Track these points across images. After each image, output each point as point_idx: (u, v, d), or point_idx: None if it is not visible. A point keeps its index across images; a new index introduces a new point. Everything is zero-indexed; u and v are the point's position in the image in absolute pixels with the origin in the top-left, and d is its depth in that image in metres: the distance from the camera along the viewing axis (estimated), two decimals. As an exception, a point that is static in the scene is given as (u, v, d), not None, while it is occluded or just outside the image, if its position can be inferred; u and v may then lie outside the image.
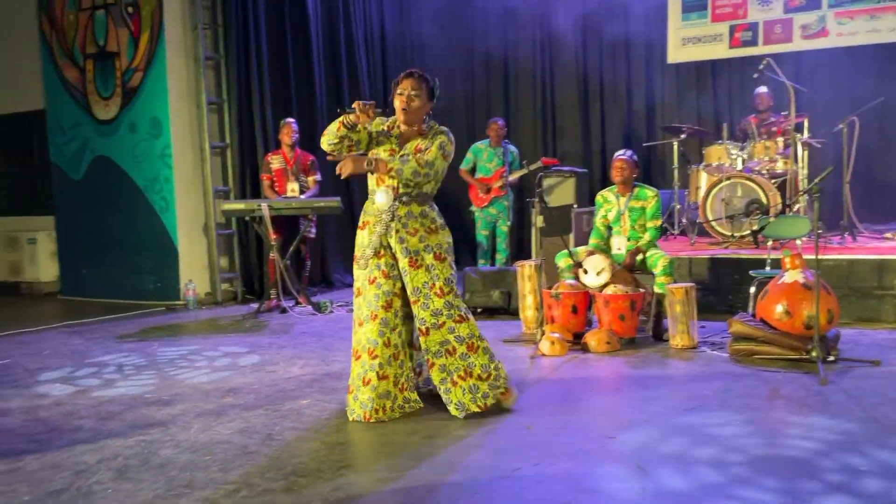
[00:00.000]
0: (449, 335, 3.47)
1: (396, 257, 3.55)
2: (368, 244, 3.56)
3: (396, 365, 3.55)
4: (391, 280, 3.54)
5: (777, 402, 3.63)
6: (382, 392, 3.48)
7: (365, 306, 3.56)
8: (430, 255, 3.53)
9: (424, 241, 3.54)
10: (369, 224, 3.58)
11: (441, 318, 3.47)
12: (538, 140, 9.68)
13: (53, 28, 7.85)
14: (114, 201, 7.55)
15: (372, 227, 3.57)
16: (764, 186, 6.50)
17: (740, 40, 8.57)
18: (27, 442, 3.28)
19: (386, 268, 3.54)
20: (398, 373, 3.56)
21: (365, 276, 3.57)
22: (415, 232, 3.54)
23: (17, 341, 5.63)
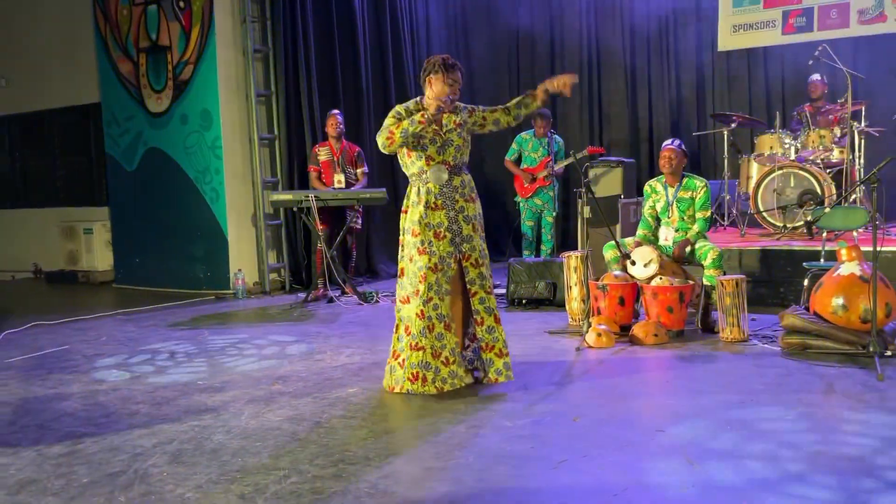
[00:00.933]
0: (479, 305, 3.72)
1: (442, 230, 3.70)
2: (449, 219, 3.70)
3: (433, 337, 3.66)
4: (426, 255, 3.69)
5: (832, 397, 3.54)
6: (418, 362, 3.64)
7: (408, 284, 3.74)
8: (474, 223, 3.80)
9: (474, 210, 3.81)
10: (423, 201, 3.71)
11: (474, 287, 3.73)
12: (584, 129, 9.59)
13: (108, 23, 8.04)
14: (166, 192, 7.73)
15: (423, 206, 3.70)
16: (818, 176, 6.34)
17: (794, 26, 8.34)
18: (87, 425, 3.40)
19: (426, 244, 3.70)
20: (436, 345, 3.67)
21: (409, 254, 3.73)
22: (471, 199, 3.81)
23: (75, 328, 5.82)
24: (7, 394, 3.97)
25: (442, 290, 3.70)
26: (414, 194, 3.78)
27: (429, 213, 3.70)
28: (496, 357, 3.77)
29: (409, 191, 3.81)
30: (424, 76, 3.83)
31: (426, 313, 3.67)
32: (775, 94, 8.53)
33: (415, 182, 3.79)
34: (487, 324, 3.76)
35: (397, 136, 3.69)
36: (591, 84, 9.55)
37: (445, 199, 3.72)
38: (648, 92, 9.20)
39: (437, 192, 3.72)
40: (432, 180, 3.71)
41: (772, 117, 7.40)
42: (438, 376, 3.66)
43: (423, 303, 3.66)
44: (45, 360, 4.73)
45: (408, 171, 3.83)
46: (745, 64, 8.68)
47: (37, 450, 3.09)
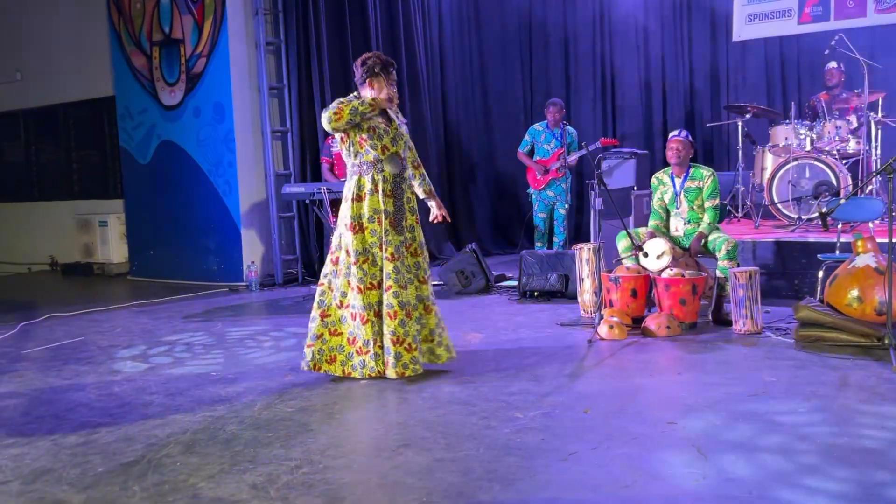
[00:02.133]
0: (394, 299, 3.79)
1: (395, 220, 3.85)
2: (397, 209, 3.84)
3: (349, 325, 3.84)
4: (385, 245, 3.84)
5: (846, 390, 3.51)
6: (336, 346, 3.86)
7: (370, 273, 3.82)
8: (417, 215, 3.99)
9: (415, 203, 4.01)
10: (377, 194, 3.82)
11: (389, 281, 3.81)
12: (597, 120, 9.55)
13: (121, 16, 8.08)
14: (179, 185, 7.77)
15: (381, 194, 3.82)
16: (834, 167, 6.28)
17: (810, 15, 8.24)
18: (101, 415, 3.43)
19: (379, 234, 3.85)
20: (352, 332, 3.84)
21: (368, 244, 3.82)
22: (413, 193, 4.02)
23: (91, 319, 5.87)
24: (23, 384, 4.02)
25: (404, 278, 3.84)
26: (368, 183, 3.84)
27: (385, 199, 3.83)
28: (405, 351, 3.77)
29: (361, 180, 3.84)
30: (366, 77, 3.90)
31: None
32: (791, 84, 8.46)
33: (366, 171, 3.85)
34: (399, 317, 3.78)
35: (346, 112, 3.76)
36: (604, 75, 9.50)
37: (396, 189, 3.87)
38: (662, 83, 9.14)
39: (391, 180, 3.85)
40: (389, 168, 3.86)
41: (787, 108, 7.33)
42: (350, 361, 3.84)
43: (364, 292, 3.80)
44: (60, 352, 4.78)
45: (357, 160, 3.86)
46: (760, 54, 8.60)
47: (52, 439, 3.13)
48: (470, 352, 4.39)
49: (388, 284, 3.78)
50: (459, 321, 5.29)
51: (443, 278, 6.60)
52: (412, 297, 3.85)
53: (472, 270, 6.49)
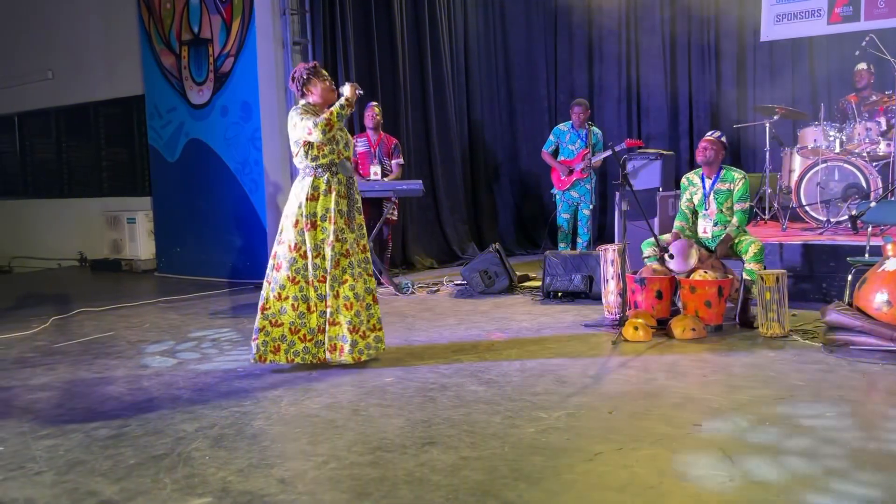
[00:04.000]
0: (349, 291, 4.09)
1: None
2: (350, 207, 4.11)
3: (295, 315, 4.09)
4: (340, 242, 4.09)
5: (874, 394, 3.48)
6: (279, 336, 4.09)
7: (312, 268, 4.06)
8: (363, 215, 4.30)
9: (360, 202, 4.27)
10: (335, 191, 4.07)
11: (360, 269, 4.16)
12: (622, 121, 9.51)
13: (151, 16, 8.19)
14: (206, 183, 7.86)
15: (335, 195, 4.06)
16: (864, 170, 6.20)
17: (840, 16, 8.15)
18: (132, 409, 3.49)
19: (338, 232, 4.09)
20: (297, 322, 4.08)
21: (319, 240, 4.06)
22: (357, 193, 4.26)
23: (119, 315, 5.97)
24: (55, 378, 4.10)
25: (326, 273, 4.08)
26: (323, 184, 4.07)
27: (339, 200, 4.07)
28: (360, 338, 4.08)
29: (314, 181, 4.06)
30: (300, 87, 4.16)
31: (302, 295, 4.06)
32: (820, 85, 8.35)
33: (320, 174, 4.08)
34: (356, 308, 4.07)
35: (335, 120, 4.01)
36: (629, 76, 9.46)
37: (349, 190, 4.12)
38: (689, 83, 9.07)
39: (345, 183, 4.12)
40: (342, 172, 4.12)
41: (816, 109, 7.25)
42: (292, 349, 4.05)
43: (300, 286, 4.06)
44: (91, 346, 4.87)
45: (313, 162, 4.07)
46: (788, 55, 8.51)
47: (84, 432, 3.19)
48: (493, 352, 4.40)
49: (345, 278, 4.08)
50: (483, 321, 5.30)
51: (466, 278, 6.62)
52: (362, 290, 4.12)
53: (496, 270, 6.50)
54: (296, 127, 4.06)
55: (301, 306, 4.06)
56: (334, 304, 4.06)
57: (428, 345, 4.64)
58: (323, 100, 4.15)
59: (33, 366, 4.39)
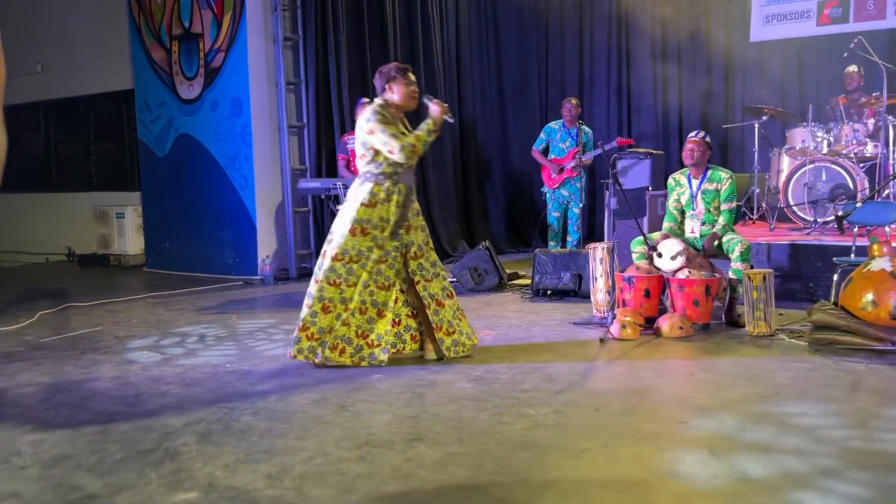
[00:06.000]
0: (424, 291, 4.14)
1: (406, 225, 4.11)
2: (401, 217, 4.06)
3: (364, 319, 4.09)
4: (380, 250, 4.10)
5: (859, 393, 3.51)
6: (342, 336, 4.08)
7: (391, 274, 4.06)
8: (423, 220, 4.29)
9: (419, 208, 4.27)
10: (394, 200, 4.04)
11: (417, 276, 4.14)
12: (612, 120, 9.54)
13: (142, 10, 8.15)
14: (196, 178, 7.84)
15: (398, 203, 4.05)
16: (851, 171, 6.25)
17: (829, 17, 8.21)
18: (118, 404, 3.48)
19: (379, 240, 4.09)
20: (365, 327, 4.10)
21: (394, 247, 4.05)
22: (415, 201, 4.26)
23: (107, 310, 5.94)
24: (41, 373, 4.08)
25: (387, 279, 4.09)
26: (383, 193, 4.03)
27: (396, 210, 4.04)
28: (445, 335, 4.13)
29: (376, 188, 4.02)
30: (382, 84, 4.12)
31: (363, 298, 4.03)
32: (808, 86, 8.41)
33: (381, 181, 4.03)
34: (433, 307, 4.11)
35: (420, 148, 4.04)
36: (619, 75, 9.49)
37: (409, 200, 4.11)
38: (679, 83, 9.11)
39: (405, 192, 4.08)
40: (404, 181, 4.08)
41: (804, 110, 7.30)
42: (358, 353, 4.03)
43: (364, 289, 4.03)
44: (78, 341, 4.85)
45: (375, 169, 4.04)
46: (777, 55, 8.56)
47: (70, 427, 3.18)
48: (482, 349, 4.41)
49: (417, 279, 4.11)
50: (472, 318, 5.29)
51: (456, 275, 6.63)
52: (382, 300, 4.09)
53: (486, 268, 6.51)
54: (373, 133, 3.97)
55: (371, 311, 4.03)
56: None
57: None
58: (403, 102, 4.11)
59: (20, 360, 4.36)
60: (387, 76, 4.11)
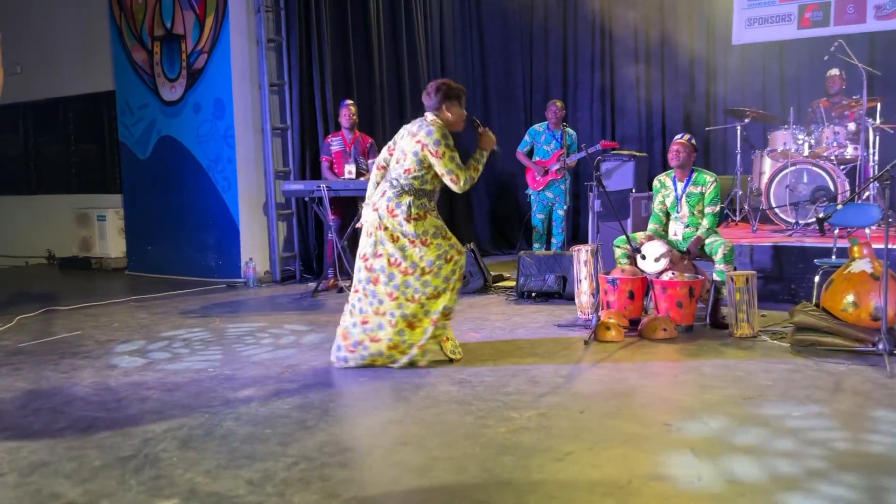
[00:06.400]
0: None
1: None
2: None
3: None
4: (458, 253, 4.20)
5: (842, 394, 3.53)
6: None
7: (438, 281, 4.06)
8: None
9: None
10: (433, 215, 4.13)
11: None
12: (596, 123, 9.57)
13: (123, 11, 8.08)
14: (178, 180, 7.77)
15: (435, 216, 4.14)
16: (832, 173, 6.30)
17: (810, 21, 8.29)
18: (98, 410, 3.44)
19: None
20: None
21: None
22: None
23: (88, 314, 5.88)
24: (20, 378, 4.02)
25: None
26: (422, 211, 4.04)
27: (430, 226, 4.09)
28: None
29: (416, 202, 4.01)
30: (441, 99, 4.08)
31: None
32: (790, 89, 8.48)
33: (420, 197, 4.04)
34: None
35: (477, 175, 4.11)
36: (603, 78, 9.52)
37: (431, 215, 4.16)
38: (662, 86, 9.16)
39: (432, 208, 4.15)
40: (432, 199, 4.13)
41: (786, 113, 7.36)
42: (390, 360, 4.05)
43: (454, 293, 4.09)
44: (57, 346, 4.79)
45: (415, 184, 4.02)
46: (759, 58, 8.63)
47: (49, 433, 3.13)
48: (467, 351, 4.40)
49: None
50: (457, 320, 5.28)
51: (440, 278, 6.60)
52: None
53: (470, 270, 6.50)
54: (440, 157, 3.94)
55: (401, 323, 3.99)
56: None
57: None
58: (454, 125, 4.11)
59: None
60: (446, 95, 4.07)
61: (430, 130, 3.98)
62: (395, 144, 4.20)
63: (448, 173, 3.97)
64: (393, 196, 4.01)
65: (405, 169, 4.02)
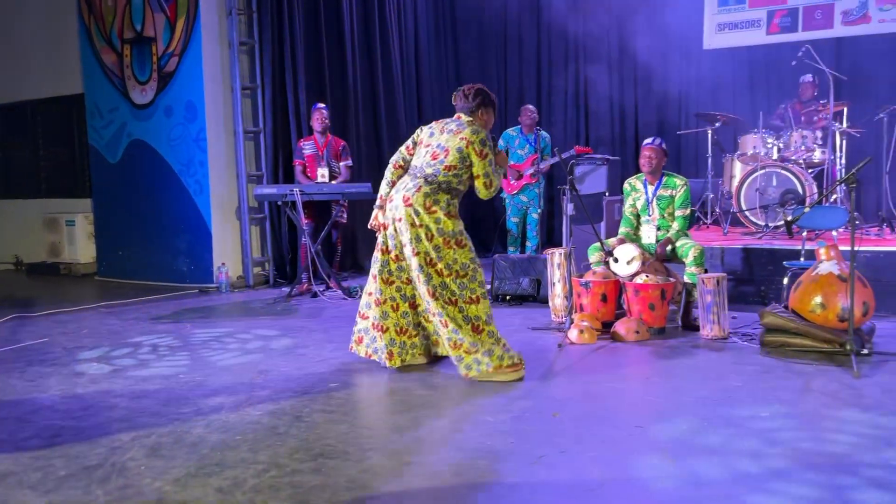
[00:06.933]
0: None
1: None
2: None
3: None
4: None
5: (809, 395, 3.58)
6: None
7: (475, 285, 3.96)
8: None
9: None
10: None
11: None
12: (570, 127, 9.62)
13: (92, 13, 7.97)
14: (149, 184, 7.68)
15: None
16: (800, 176, 6.40)
17: (779, 26, 8.41)
18: (64, 418, 3.37)
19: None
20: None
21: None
22: None
23: (56, 320, 5.77)
24: (-15, 386, 3.94)
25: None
26: (455, 207, 3.99)
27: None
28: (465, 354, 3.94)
29: (452, 200, 3.97)
30: (479, 104, 4.09)
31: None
32: (759, 93, 8.60)
33: (455, 195, 3.99)
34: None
35: (500, 179, 4.12)
36: (577, 83, 9.58)
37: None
38: (634, 90, 9.24)
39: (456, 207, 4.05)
40: (458, 197, 4.05)
41: (755, 117, 7.46)
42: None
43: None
44: (24, 353, 4.69)
45: (453, 182, 3.96)
46: (729, 63, 8.74)
47: (14, 443, 3.07)
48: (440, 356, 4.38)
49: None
50: (431, 324, 5.28)
51: (415, 281, 6.59)
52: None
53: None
54: (484, 158, 3.92)
55: (451, 323, 3.89)
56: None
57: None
58: (486, 129, 4.09)
59: (-39, 374, 4.21)
60: (485, 99, 4.09)
61: (476, 129, 3.96)
62: (420, 142, 4.10)
63: (485, 176, 3.95)
64: (431, 192, 3.89)
65: (446, 165, 3.91)
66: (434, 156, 3.95)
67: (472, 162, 3.93)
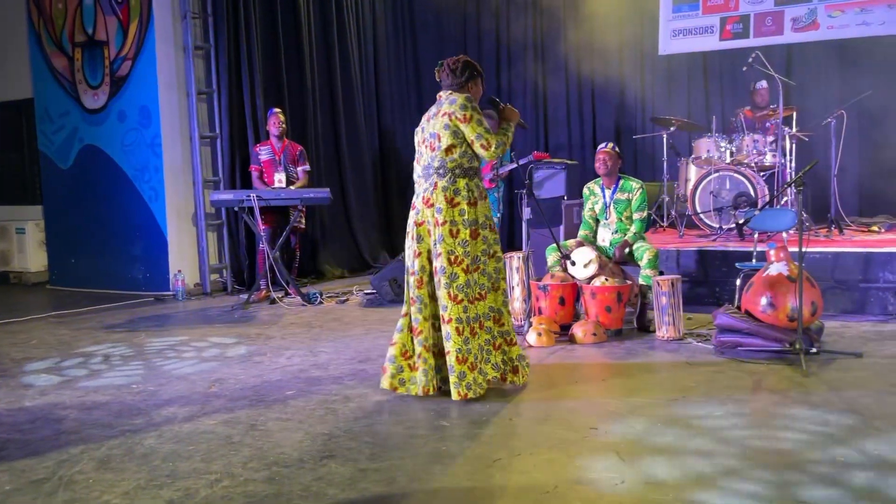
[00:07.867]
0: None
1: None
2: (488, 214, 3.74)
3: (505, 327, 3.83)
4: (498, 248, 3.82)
5: (760, 393, 3.65)
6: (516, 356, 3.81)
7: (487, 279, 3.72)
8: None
9: None
10: (485, 198, 3.76)
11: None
12: (529, 131, 9.67)
13: (41, 16, 7.79)
14: (102, 191, 7.52)
15: (485, 201, 3.75)
16: (752, 179, 6.53)
17: (731, 32, 8.58)
18: (11, 432, 3.28)
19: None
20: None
21: (479, 251, 3.69)
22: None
23: (5, 331, 5.62)
24: (-73, 400, 3.81)
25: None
26: (476, 190, 3.71)
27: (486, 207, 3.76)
28: (469, 370, 3.61)
29: (471, 183, 3.70)
30: (468, 77, 3.85)
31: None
32: (713, 98, 8.76)
33: (472, 177, 3.72)
34: (465, 334, 3.66)
35: (510, 139, 3.81)
36: (536, 87, 9.65)
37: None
38: (592, 96, 9.34)
39: (480, 188, 3.77)
40: (478, 176, 3.78)
41: (709, 121, 7.60)
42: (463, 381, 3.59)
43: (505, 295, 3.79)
44: (-31, 365, 4.56)
45: (463, 163, 3.69)
46: (684, 68, 8.88)
47: (-44, 458, 2.97)
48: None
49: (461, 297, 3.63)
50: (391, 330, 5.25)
51: (375, 287, 6.58)
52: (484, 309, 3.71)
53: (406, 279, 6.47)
54: (469, 122, 3.63)
55: (465, 330, 3.60)
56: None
57: (333, 355, 4.58)
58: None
59: None
60: (473, 72, 3.84)
61: (453, 99, 3.71)
62: (419, 143, 3.89)
63: (477, 138, 3.63)
64: (448, 184, 3.66)
65: (445, 149, 3.67)
66: (431, 147, 3.74)
67: (461, 130, 3.66)
